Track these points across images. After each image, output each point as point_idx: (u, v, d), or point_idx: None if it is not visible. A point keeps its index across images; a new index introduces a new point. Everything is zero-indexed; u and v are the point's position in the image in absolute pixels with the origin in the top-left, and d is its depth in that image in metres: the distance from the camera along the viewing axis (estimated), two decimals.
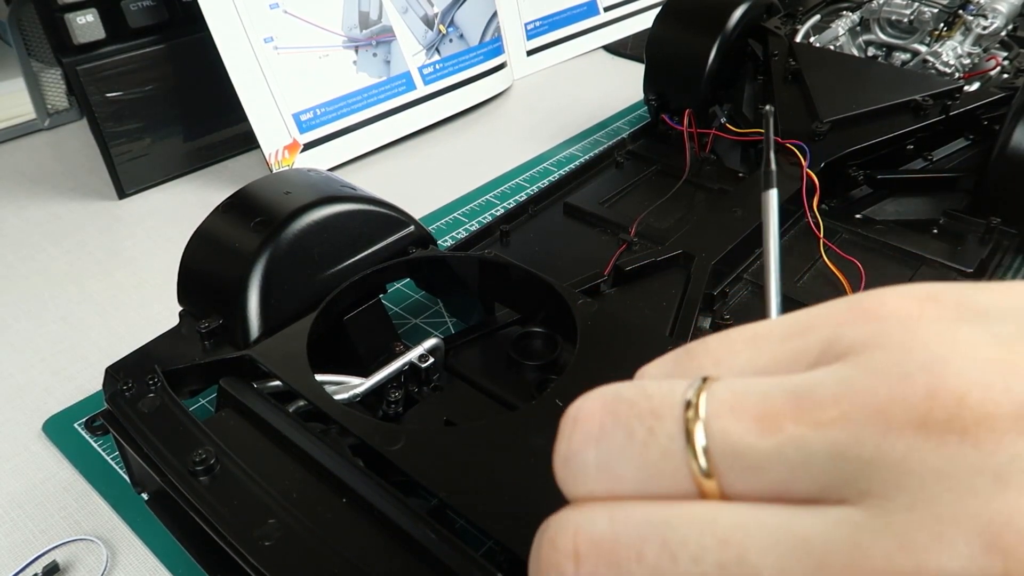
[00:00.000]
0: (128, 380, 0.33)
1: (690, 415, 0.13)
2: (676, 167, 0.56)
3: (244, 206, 0.39)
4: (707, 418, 0.13)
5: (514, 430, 0.29)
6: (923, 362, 0.12)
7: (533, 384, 0.38)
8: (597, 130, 0.70)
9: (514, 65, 0.81)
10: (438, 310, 0.48)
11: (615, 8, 0.90)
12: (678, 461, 0.13)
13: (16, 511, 0.37)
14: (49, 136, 0.72)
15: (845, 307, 0.14)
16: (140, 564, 0.34)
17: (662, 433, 0.13)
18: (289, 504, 0.27)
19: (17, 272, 0.54)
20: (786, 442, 0.12)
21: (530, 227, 0.52)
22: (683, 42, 0.59)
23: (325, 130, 0.65)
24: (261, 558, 0.25)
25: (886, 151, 0.52)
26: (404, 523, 0.26)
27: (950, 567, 0.10)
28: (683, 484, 0.13)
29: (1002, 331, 0.12)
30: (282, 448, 0.30)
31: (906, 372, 0.12)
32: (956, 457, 0.11)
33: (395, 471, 0.28)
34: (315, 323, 0.36)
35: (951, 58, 0.56)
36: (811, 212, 0.48)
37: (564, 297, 0.37)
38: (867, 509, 0.11)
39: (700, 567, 0.12)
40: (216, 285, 0.37)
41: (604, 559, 0.13)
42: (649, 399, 0.14)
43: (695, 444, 0.13)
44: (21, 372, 0.45)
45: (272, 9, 0.62)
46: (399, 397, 0.35)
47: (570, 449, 0.14)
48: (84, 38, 0.57)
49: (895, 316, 0.13)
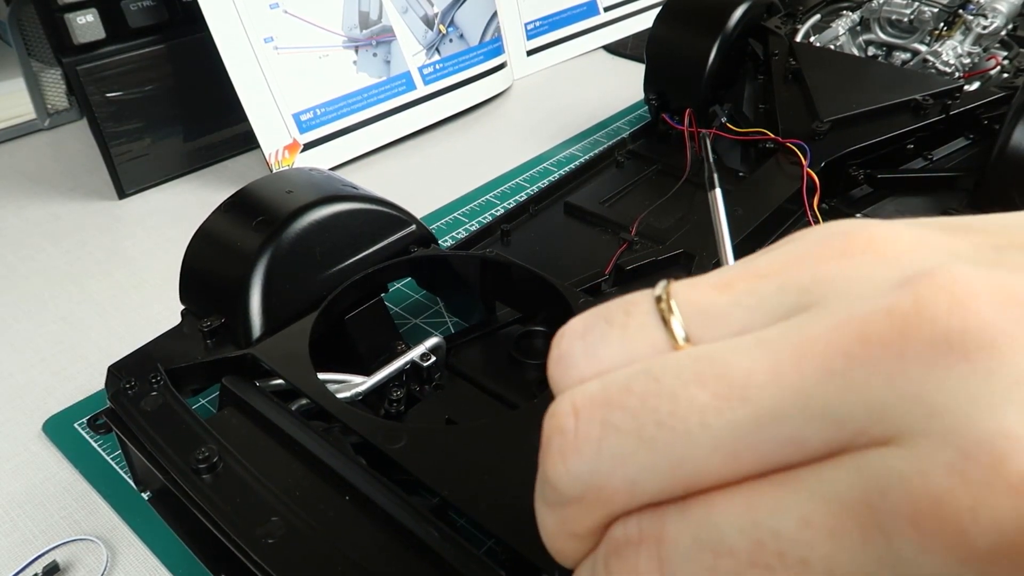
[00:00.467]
0: (131, 379, 0.33)
1: (661, 295, 0.15)
2: (676, 166, 0.56)
3: (246, 205, 0.39)
4: (675, 292, 0.15)
5: (516, 429, 0.29)
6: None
7: (534, 383, 0.38)
8: (597, 130, 0.70)
9: (514, 65, 0.81)
10: (438, 310, 0.48)
11: (615, 8, 0.90)
12: (654, 331, 0.14)
13: (16, 511, 0.37)
14: (49, 136, 0.72)
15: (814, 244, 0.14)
16: (140, 564, 0.34)
17: (638, 312, 0.15)
18: (292, 502, 0.27)
19: (17, 272, 0.54)
20: (741, 291, 0.14)
21: (531, 226, 0.52)
22: (683, 42, 0.59)
23: (325, 130, 0.65)
24: (264, 556, 0.25)
25: (886, 150, 0.52)
26: (406, 521, 0.26)
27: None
28: (662, 351, 0.14)
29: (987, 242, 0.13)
30: (284, 446, 0.30)
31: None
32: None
33: (397, 469, 0.28)
34: (317, 322, 0.36)
35: (951, 58, 0.56)
36: (811, 211, 0.48)
37: (565, 296, 0.37)
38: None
39: (682, 377, 0.13)
40: (218, 284, 0.37)
41: (599, 405, 0.14)
42: (624, 300, 0.15)
43: (667, 314, 0.14)
44: (21, 372, 0.45)
45: (272, 9, 0.62)
46: (401, 396, 0.35)
47: (559, 351, 0.15)
48: (84, 38, 0.57)
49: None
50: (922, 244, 0.13)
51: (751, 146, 0.56)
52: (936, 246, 0.13)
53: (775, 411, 0.12)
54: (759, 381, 0.12)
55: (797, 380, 0.12)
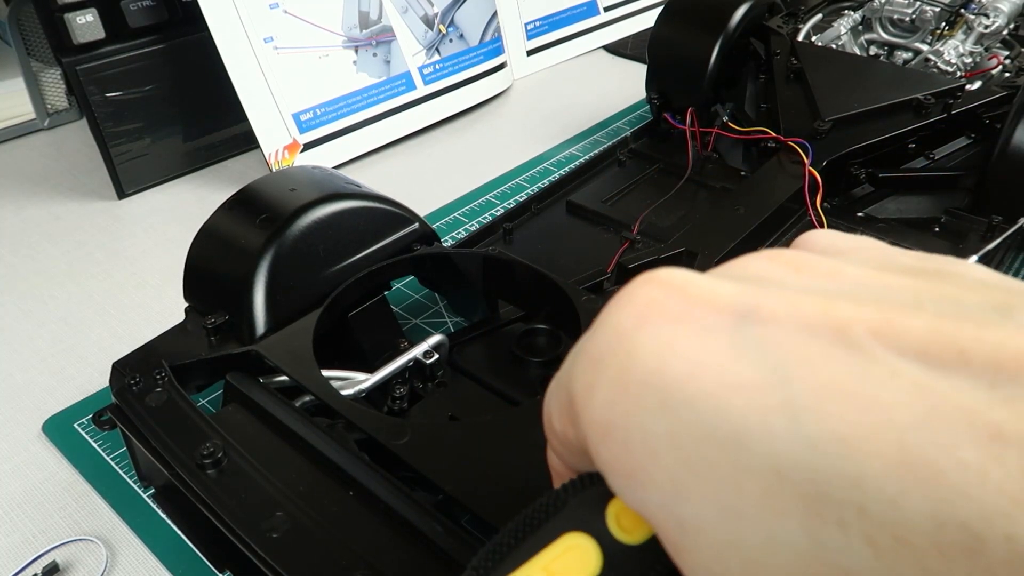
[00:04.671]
0: (135, 375, 0.33)
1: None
2: (678, 165, 0.57)
3: (249, 203, 0.39)
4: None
5: (518, 425, 0.30)
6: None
7: (537, 380, 0.38)
8: (597, 130, 0.70)
9: (514, 65, 0.81)
10: (439, 310, 0.48)
11: (615, 8, 0.90)
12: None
13: (16, 511, 0.36)
14: (49, 136, 0.72)
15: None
16: (140, 564, 0.34)
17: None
18: (296, 497, 0.27)
19: (17, 272, 0.54)
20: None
21: (533, 225, 0.52)
22: (685, 41, 0.59)
23: (325, 130, 0.65)
24: (269, 550, 0.25)
25: (888, 149, 0.52)
26: (410, 516, 0.26)
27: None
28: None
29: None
30: (289, 442, 0.30)
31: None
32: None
33: (401, 465, 0.28)
34: (320, 319, 0.36)
35: (953, 57, 0.57)
36: (813, 210, 0.48)
37: (568, 294, 0.37)
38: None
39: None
40: (222, 281, 0.37)
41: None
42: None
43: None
44: (21, 372, 0.45)
45: (272, 9, 0.62)
46: (404, 393, 0.35)
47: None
48: (84, 38, 0.57)
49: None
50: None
51: (753, 145, 0.56)
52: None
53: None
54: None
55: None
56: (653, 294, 0.15)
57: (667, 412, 0.13)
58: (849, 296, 0.14)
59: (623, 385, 0.14)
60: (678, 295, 0.15)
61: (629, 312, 0.15)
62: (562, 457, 0.17)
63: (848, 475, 0.12)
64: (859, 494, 0.11)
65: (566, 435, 0.16)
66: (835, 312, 0.13)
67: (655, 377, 0.14)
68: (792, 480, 0.12)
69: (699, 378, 0.13)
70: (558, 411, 0.17)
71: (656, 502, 0.14)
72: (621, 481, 0.14)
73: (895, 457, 0.11)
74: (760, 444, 0.12)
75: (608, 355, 0.15)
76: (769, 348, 0.13)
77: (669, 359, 0.14)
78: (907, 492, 0.11)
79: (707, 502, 0.13)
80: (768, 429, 0.12)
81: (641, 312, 0.15)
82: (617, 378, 0.14)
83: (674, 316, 0.14)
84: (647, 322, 0.14)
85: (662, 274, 0.15)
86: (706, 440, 0.13)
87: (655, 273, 0.15)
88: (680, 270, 0.15)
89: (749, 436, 0.13)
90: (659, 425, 0.13)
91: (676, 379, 0.13)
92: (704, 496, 0.13)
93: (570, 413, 0.16)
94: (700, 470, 0.13)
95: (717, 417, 0.13)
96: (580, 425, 0.15)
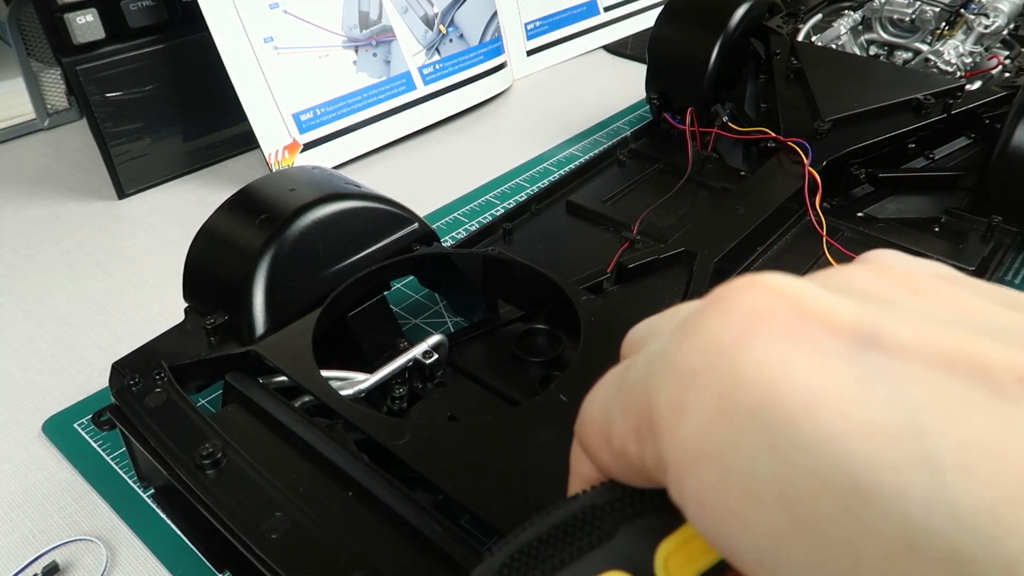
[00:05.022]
0: (135, 375, 0.33)
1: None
2: (678, 165, 0.57)
3: (249, 203, 0.39)
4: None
5: (518, 425, 0.30)
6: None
7: (536, 380, 0.38)
8: (597, 130, 0.70)
9: (514, 65, 0.81)
10: (438, 310, 0.48)
11: (615, 8, 0.90)
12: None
13: (16, 511, 0.36)
14: (49, 136, 0.72)
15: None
16: (140, 564, 0.34)
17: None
18: (295, 497, 0.27)
19: (17, 272, 0.54)
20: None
21: (533, 225, 0.52)
22: (685, 41, 0.59)
23: (325, 130, 0.65)
24: (268, 550, 0.25)
25: (888, 149, 0.52)
26: (410, 516, 0.26)
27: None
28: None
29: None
30: (288, 442, 0.30)
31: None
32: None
33: (400, 465, 0.28)
34: (320, 319, 0.36)
35: (953, 57, 0.57)
36: (813, 210, 0.48)
37: (568, 294, 0.37)
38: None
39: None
40: (222, 281, 0.37)
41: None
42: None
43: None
44: (21, 372, 0.45)
45: (272, 9, 0.62)
46: (403, 393, 0.35)
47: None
48: (84, 38, 0.57)
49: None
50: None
51: (753, 145, 0.56)
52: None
53: None
54: None
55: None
56: (759, 302, 0.13)
57: (778, 451, 0.11)
58: (987, 333, 0.12)
59: (726, 412, 0.12)
60: (790, 307, 0.12)
61: (732, 322, 0.13)
62: (604, 466, 0.15)
63: (1000, 559, 0.10)
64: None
65: (627, 450, 0.14)
66: (977, 350, 0.11)
67: (766, 407, 0.12)
68: (927, 556, 0.10)
69: (820, 415, 0.11)
70: (624, 422, 0.14)
71: (750, 554, 0.12)
72: (708, 521, 0.12)
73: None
74: (890, 507, 0.10)
75: (706, 371, 0.13)
76: (901, 385, 0.11)
77: (784, 387, 0.12)
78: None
79: (815, 567, 0.11)
80: (901, 489, 0.10)
81: (746, 323, 0.13)
82: (718, 402, 0.12)
83: (786, 332, 0.12)
84: (755, 336, 0.12)
85: (769, 280, 0.13)
86: (823, 493, 0.11)
87: (760, 277, 0.13)
88: (787, 276, 0.13)
89: (877, 495, 0.10)
90: (767, 466, 0.11)
91: (792, 414, 0.11)
92: (812, 559, 0.11)
93: (646, 431, 0.14)
94: (811, 528, 0.11)
95: (839, 467, 0.11)
96: (660, 446, 0.13)
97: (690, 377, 0.13)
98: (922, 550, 0.10)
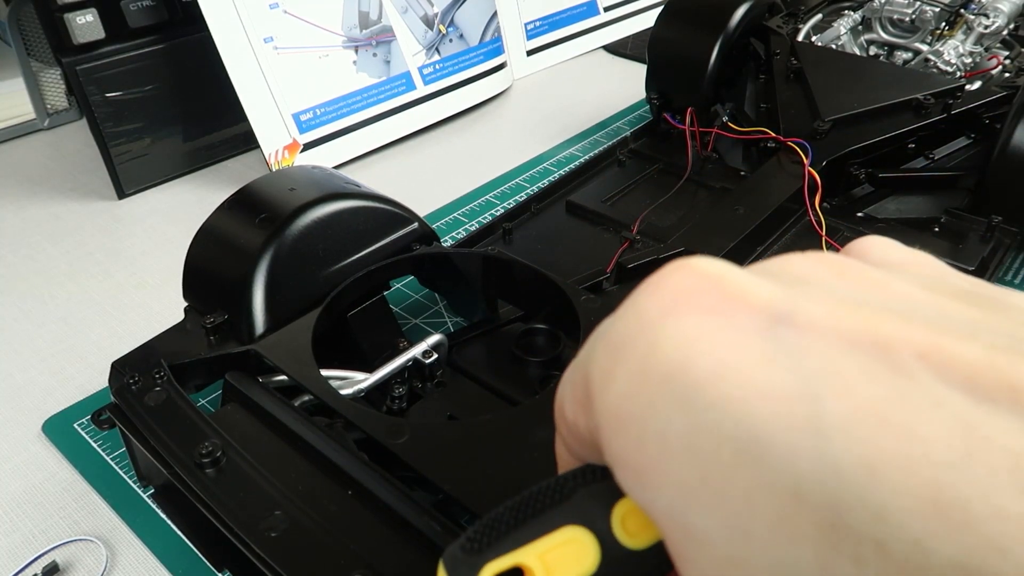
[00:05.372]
0: (134, 374, 0.33)
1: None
2: (678, 165, 0.57)
3: (249, 203, 0.39)
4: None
5: (517, 425, 0.30)
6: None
7: (536, 380, 0.38)
8: (597, 130, 0.70)
9: (514, 65, 0.81)
10: (438, 310, 0.48)
11: (615, 8, 0.90)
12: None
13: (16, 511, 0.36)
14: (49, 136, 0.72)
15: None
16: (140, 564, 0.34)
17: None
18: (295, 496, 0.27)
19: (17, 272, 0.54)
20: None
21: (533, 225, 0.52)
22: (685, 41, 0.59)
23: (325, 130, 0.65)
24: (267, 549, 0.25)
25: (888, 150, 0.52)
26: (409, 515, 0.26)
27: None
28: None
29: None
30: (288, 441, 0.30)
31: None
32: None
33: (399, 465, 0.28)
34: (320, 319, 0.36)
35: (953, 57, 0.57)
36: (813, 210, 0.48)
37: (567, 294, 0.37)
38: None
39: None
40: (221, 281, 0.37)
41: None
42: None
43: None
44: (21, 372, 0.45)
45: (272, 9, 0.62)
46: (403, 393, 0.35)
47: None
48: (84, 38, 0.57)
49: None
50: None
51: (753, 145, 0.56)
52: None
53: None
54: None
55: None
56: (685, 282, 0.14)
57: (687, 412, 0.13)
58: (896, 313, 0.13)
59: (643, 377, 0.13)
60: (712, 287, 0.14)
61: (657, 299, 0.14)
62: (570, 447, 0.17)
63: (872, 507, 0.11)
64: (882, 530, 0.11)
65: (576, 423, 0.15)
66: (880, 328, 0.12)
67: (678, 372, 0.13)
68: (810, 504, 0.11)
69: (724, 380, 0.12)
70: (571, 396, 0.16)
71: (664, 505, 0.13)
72: (630, 478, 0.14)
73: (926, 495, 0.10)
74: (781, 461, 0.12)
75: (630, 342, 0.14)
76: (803, 357, 0.12)
77: (695, 355, 0.13)
78: (934, 535, 0.10)
79: (717, 515, 0.12)
80: (791, 446, 0.12)
81: (670, 300, 0.14)
82: (637, 368, 0.13)
83: (705, 309, 0.13)
84: (675, 312, 0.14)
85: (698, 262, 0.14)
86: (724, 448, 0.12)
87: (690, 260, 0.14)
88: (717, 260, 0.14)
89: (770, 450, 0.12)
90: (677, 425, 0.13)
91: (700, 377, 0.13)
92: (714, 507, 0.12)
93: (584, 400, 0.15)
94: (714, 479, 0.12)
95: (738, 425, 0.12)
96: (593, 414, 0.15)
97: (618, 348, 0.14)
98: (807, 500, 0.11)
